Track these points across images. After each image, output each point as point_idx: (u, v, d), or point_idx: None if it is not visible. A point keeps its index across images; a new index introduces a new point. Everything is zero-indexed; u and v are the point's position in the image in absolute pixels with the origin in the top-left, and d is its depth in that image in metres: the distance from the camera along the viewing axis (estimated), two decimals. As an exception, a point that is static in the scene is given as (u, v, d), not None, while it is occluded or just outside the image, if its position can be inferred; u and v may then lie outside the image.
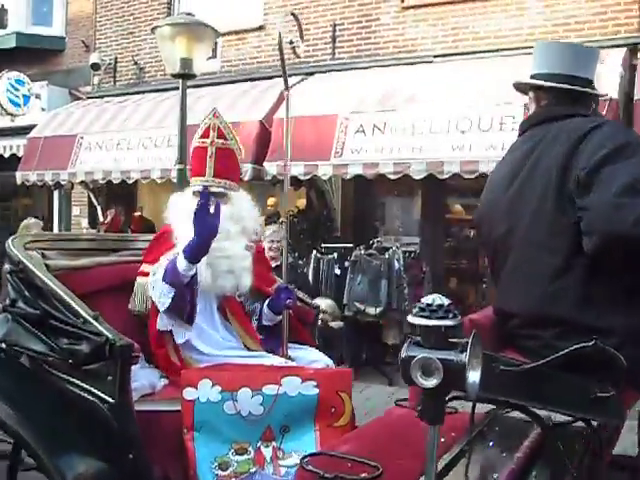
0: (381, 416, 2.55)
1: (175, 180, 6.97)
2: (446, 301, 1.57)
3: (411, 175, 7.30)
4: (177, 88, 6.76)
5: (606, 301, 2.14)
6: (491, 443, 2.05)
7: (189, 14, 6.92)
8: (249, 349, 3.18)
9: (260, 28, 10.04)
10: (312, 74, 9.27)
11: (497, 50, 8.29)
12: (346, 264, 8.10)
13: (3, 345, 2.82)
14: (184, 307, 2.90)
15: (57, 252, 3.13)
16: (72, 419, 2.57)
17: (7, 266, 2.84)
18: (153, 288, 2.96)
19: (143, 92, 10.79)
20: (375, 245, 8.09)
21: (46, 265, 2.86)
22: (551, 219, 2.20)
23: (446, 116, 7.31)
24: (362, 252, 7.99)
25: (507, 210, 2.39)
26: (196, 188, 3.07)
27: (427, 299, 1.58)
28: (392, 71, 8.51)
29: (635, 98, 6.75)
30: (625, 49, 7.53)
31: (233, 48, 10.27)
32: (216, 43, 9.59)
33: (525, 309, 2.29)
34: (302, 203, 9.78)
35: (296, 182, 8.47)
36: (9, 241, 2.93)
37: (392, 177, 7.46)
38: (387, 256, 7.84)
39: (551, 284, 2.20)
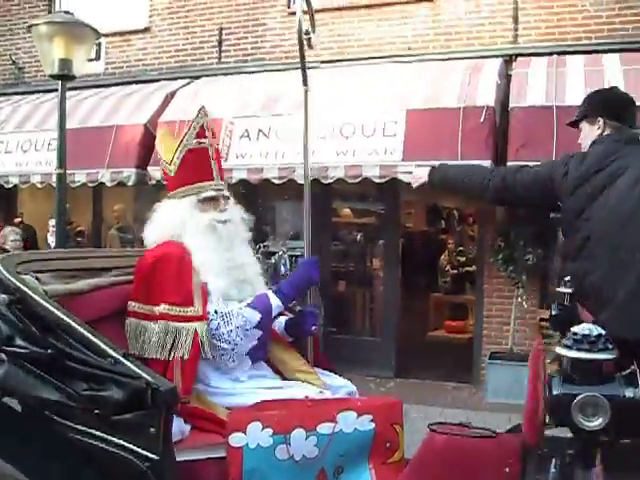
0: (424, 445, 2.29)
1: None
2: (602, 331, 1.42)
3: (296, 180, 7.31)
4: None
5: None
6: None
7: (68, 13, 6.68)
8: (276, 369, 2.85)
9: (145, 30, 9.83)
10: (198, 77, 9.14)
11: (382, 57, 8.44)
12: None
13: None
14: (260, 347, 2.71)
15: (50, 275, 2.59)
16: None
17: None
18: (229, 334, 2.57)
19: (22, 93, 10.34)
20: (261, 249, 8.05)
21: (44, 292, 2.38)
22: None
23: (331, 121, 7.37)
24: (248, 257, 7.92)
25: None
26: (208, 194, 2.75)
27: (582, 329, 1.42)
28: (278, 76, 8.49)
29: (510, 107, 6.99)
30: (501, 60, 7.82)
31: (117, 50, 10.01)
32: (99, 44, 9.35)
33: None
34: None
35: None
36: None
37: (277, 182, 7.46)
38: (273, 260, 7.83)
39: None
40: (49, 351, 2.17)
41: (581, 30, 7.91)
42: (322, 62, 8.52)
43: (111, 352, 2.15)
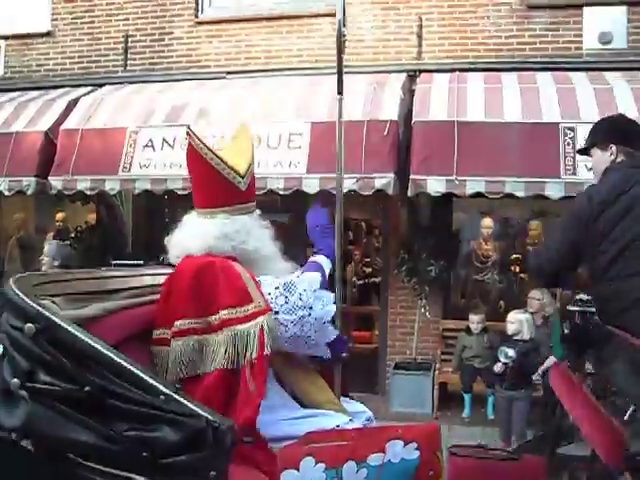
0: (453, 468, 2.24)
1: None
2: None
3: (201, 191, 7.24)
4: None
5: None
6: None
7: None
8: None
9: (48, 34, 9.54)
10: (102, 85, 8.94)
11: (288, 69, 8.47)
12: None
13: (12, 436, 1.93)
14: None
15: (64, 298, 2.27)
16: None
17: (20, 324, 1.94)
18: (310, 302, 2.42)
19: None
20: (164, 260, 7.90)
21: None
22: None
23: (236, 133, 7.33)
24: (152, 269, 7.78)
25: None
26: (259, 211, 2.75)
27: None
28: (184, 86, 8.41)
29: (413, 121, 7.12)
30: (405, 75, 7.97)
31: (18, 54, 9.68)
32: (-2, 47, 9.06)
33: None
34: (92, 218, 9.39)
35: (83, 197, 8.15)
36: (12, 286, 2.03)
37: (181, 193, 7.36)
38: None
39: None
40: (86, 388, 1.86)
41: (482, 49, 8.17)
42: (228, 73, 8.51)
43: (162, 388, 1.90)
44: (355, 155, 6.84)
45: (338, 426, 2.45)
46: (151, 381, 1.91)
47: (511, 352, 6.11)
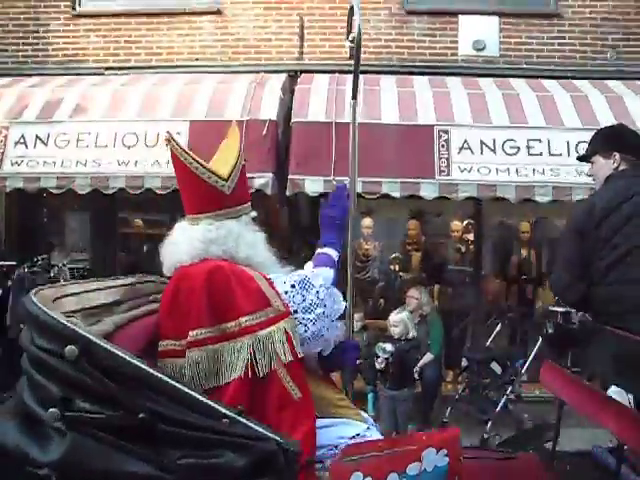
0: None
1: None
2: None
3: (76, 190, 7.03)
4: None
5: None
6: None
7: None
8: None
9: None
10: (-30, 78, 8.53)
11: (169, 66, 8.35)
12: (9, 283, 7.54)
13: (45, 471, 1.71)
14: None
15: (81, 314, 2.08)
16: None
17: (55, 346, 1.75)
18: (323, 304, 2.34)
19: None
20: (40, 262, 7.64)
21: None
22: None
23: (113, 130, 7.17)
24: (26, 270, 7.49)
25: None
26: (254, 213, 2.57)
27: None
28: (60, 80, 8.12)
29: (292, 121, 7.16)
30: (286, 75, 8.00)
31: None
32: None
33: None
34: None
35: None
36: (37, 302, 1.83)
37: (55, 192, 7.12)
38: (52, 274, 7.46)
39: None
40: (141, 415, 1.71)
41: (361, 51, 8.26)
42: (106, 69, 8.30)
43: (224, 411, 1.79)
44: (234, 154, 6.81)
45: (358, 435, 2.40)
46: (211, 404, 1.80)
47: (389, 347, 6.20)
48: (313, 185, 6.78)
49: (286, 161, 7.06)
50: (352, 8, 2.98)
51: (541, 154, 6.90)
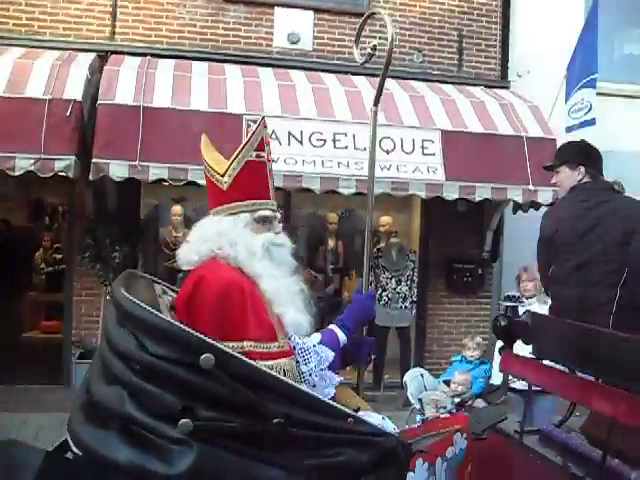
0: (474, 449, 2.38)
1: None
2: None
3: None
4: None
5: None
6: None
7: None
8: None
9: None
10: None
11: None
12: None
13: None
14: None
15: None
16: None
17: (181, 355, 1.70)
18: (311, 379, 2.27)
19: None
20: None
21: None
22: None
23: None
24: None
25: None
26: (264, 213, 2.39)
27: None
28: None
29: (98, 102, 6.90)
30: (95, 54, 7.71)
31: None
32: None
33: None
34: None
35: None
36: (145, 307, 1.76)
37: None
38: None
39: None
40: (275, 420, 1.69)
41: (176, 36, 8.19)
42: None
43: (348, 411, 1.87)
44: (34, 135, 6.50)
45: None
46: (334, 404, 1.87)
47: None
48: (118, 169, 6.58)
49: (92, 143, 6.80)
50: (372, 14, 3.17)
51: (347, 147, 7.13)
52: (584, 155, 3.89)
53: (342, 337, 2.54)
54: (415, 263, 8.41)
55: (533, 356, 3.07)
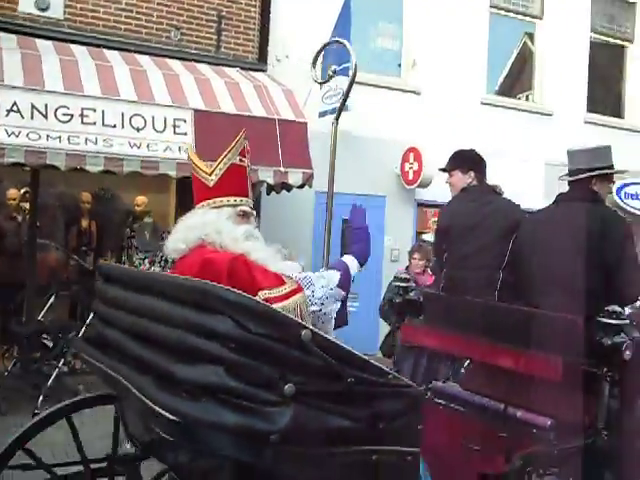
0: None
1: None
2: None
3: None
4: None
5: None
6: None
7: None
8: None
9: None
10: None
11: None
12: None
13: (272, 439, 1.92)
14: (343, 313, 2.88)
15: None
16: None
17: (278, 332, 2.01)
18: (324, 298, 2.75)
19: None
20: None
21: None
22: None
23: None
24: None
25: None
26: (244, 208, 2.85)
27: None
28: None
29: None
30: None
31: None
32: None
33: None
34: None
35: None
36: (244, 294, 2.06)
37: None
38: None
39: None
40: (349, 380, 2.14)
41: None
42: None
43: (387, 370, 2.31)
44: None
45: None
46: (380, 365, 2.28)
47: None
48: None
49: None
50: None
51: (95, 123, 6.86)
52: (473, 162, 4.68)
53: (348, 259, 2.99)
54: (170, 244, 8.32)
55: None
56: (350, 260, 2.99)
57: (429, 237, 8.23)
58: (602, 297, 3.45)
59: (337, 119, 4.09)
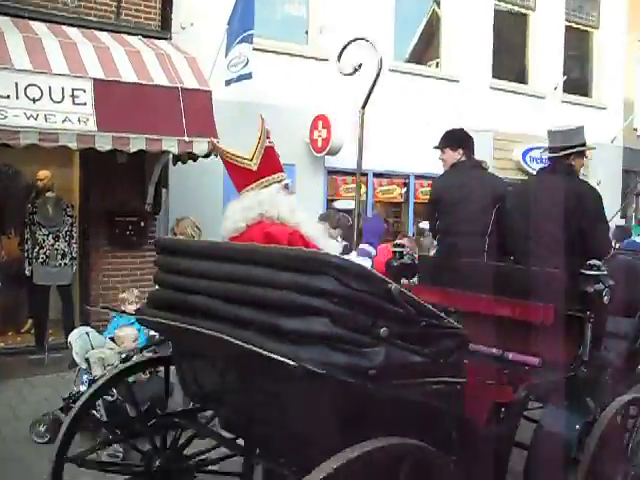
0: None
1: None
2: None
3: None
4: None
5: None
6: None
7: None
8: None
9: None
10: None
11: None
12: None
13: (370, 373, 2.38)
14: None
15: None
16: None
17: (372, 287, 2.49)
18: None
19: None
20: None
21: None
22: None
23: None
24: None
25: None
26: (287, 181, 3.42)
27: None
28: None
29: None
30: None
31: None
32: None
33: None
34: None
35: None
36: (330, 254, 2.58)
37: None
38: None
39: None
40: (422, 323, 2.61)
41: None
42: None
43: (444, 315, 2.79)
44: None
45: None
46: (436, 310, 2.72)
47: None
48: None
49: None
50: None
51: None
52: (462, 140, 5.21)
53: (370, 248, 3.85)
54: (75, 218, 8.14)
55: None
56: (372, 251, 4.04)
57: (425, 225, 8.49)
58: (581, 254, 4.05)
59: (364, 107, 4.69)
